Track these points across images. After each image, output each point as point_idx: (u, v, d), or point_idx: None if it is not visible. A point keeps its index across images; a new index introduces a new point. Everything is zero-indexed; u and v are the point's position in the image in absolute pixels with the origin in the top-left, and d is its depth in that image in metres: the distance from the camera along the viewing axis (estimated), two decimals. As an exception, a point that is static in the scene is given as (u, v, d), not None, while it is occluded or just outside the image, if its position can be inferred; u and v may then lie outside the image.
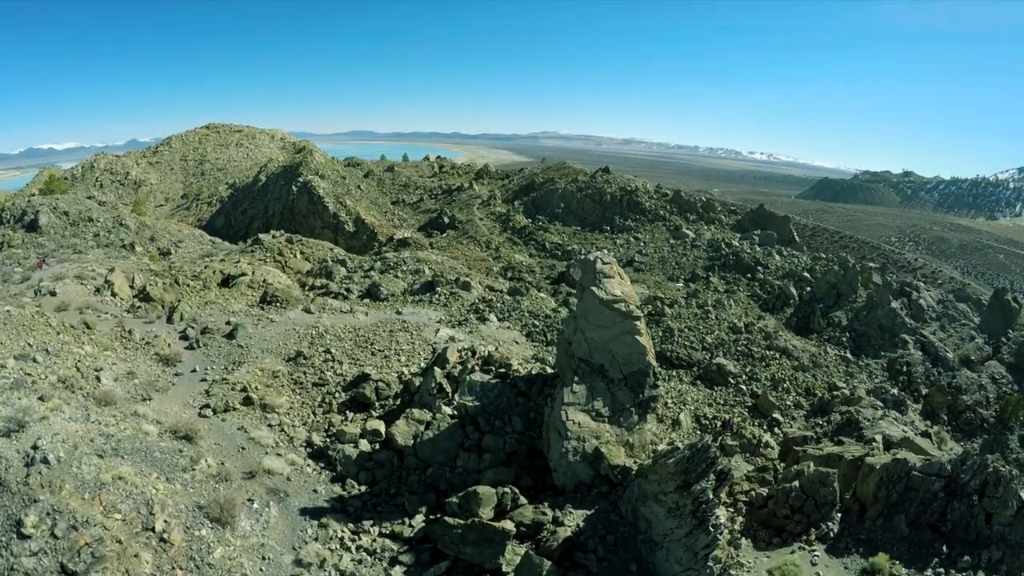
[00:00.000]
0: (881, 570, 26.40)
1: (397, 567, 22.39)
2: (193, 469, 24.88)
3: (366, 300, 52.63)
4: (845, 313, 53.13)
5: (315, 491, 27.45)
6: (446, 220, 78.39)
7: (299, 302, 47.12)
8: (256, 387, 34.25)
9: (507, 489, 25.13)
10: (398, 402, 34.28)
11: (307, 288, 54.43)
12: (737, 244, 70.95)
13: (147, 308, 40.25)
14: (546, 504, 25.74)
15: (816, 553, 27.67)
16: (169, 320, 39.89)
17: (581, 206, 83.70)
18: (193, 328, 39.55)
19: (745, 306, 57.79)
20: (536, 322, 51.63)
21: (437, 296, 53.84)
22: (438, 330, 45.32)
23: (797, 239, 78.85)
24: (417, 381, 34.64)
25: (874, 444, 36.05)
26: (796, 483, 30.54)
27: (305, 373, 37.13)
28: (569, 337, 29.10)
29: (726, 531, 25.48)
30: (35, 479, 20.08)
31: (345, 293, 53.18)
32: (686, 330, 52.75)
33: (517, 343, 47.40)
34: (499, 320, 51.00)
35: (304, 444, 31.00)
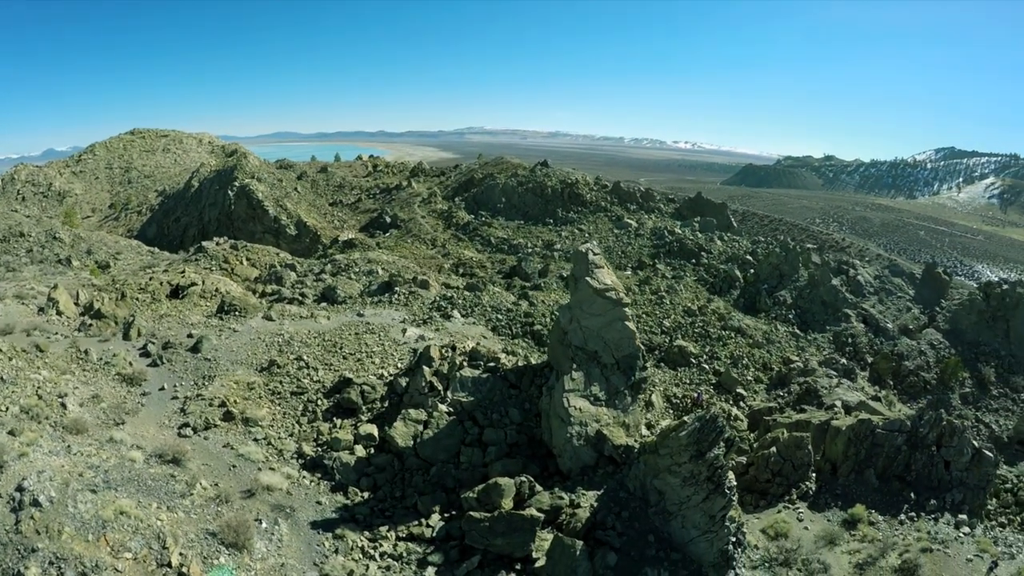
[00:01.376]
0: (860, 519, 28.54)
1: (429, 568, 22.23)
2: (191, 494, 23.75)
3: (323, 304, 51.27)
4: (789, 292, 56.59)
5: (319, 503, 26.78)
6: (388, 219, 77.22)
7: (257, 310, 45.38)
8: (235, 401, 32.85)
9: (523, 478, 25.45)
10: (386, 405, 33.76)
11: (258, 295, 52.42)
12: (680, 231, 73.80)
13: (99, 326, 37.66)
14: (558, 489, 26.25)
15: (800, 510, 29.63)
16: (126, 337, 37.51)
17: (523, 200, 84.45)
18: (153, 343, 37.37)
19: (694, 290, 60.38)
20: (499, 316, 51.98)
21: (396, 296, 53.16)
22: (405, 330, 44.76)
23: (735, 225, 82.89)
24: (403, 381, 34.22)
25: (835, 409, 38.84)
26: (773, 449, 32.48)
27: (282, 382, 35.90)
28: (565, 327, 29.68)
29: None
30: (28, 525, 18.45)
31: (300, 298, 51.60)
32: (644, 315, 54.57)
33: (485, 338, 47.55)
34: (463, 316, 50.96)
35: (295, 456, 30.07)
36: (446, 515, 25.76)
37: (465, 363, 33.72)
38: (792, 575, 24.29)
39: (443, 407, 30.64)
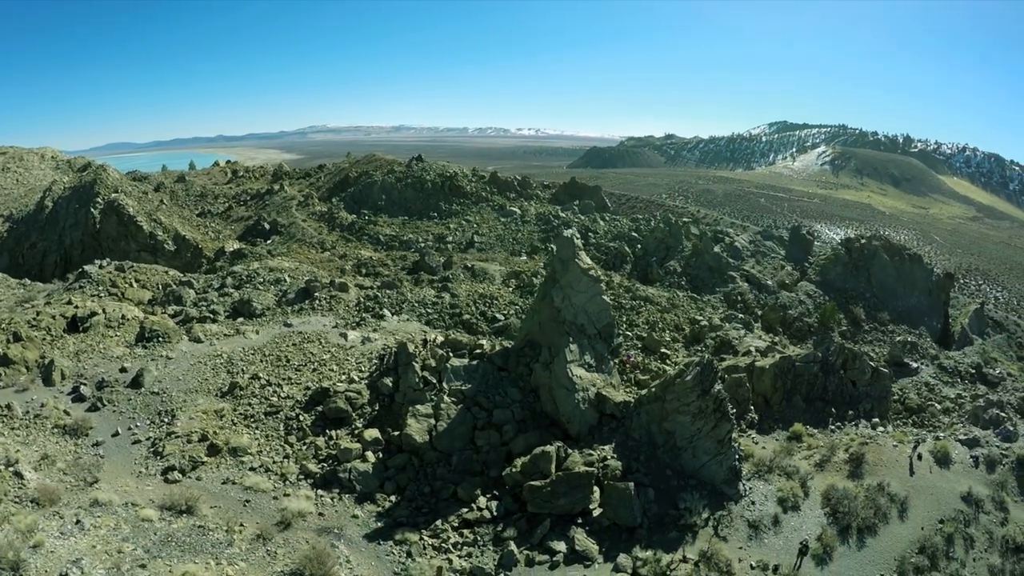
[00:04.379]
0: (801, 434, 34.19)
1: (509, 543, 23.35)
2: (232, 541, 22.79)
3: (240, 319, 48.34)
4: (677, 262, 63.34)
5: (355, 516, 26.39)
6: (267, 226, 73.00)
7: (179, 333, 41.88)
8: (214, 432, 30.73)
9: (559, 444, 27.42)
10: (376, 408, 33.51)
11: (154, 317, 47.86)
12: (564, 215, 78.48)
13: (8, 373, 32.73)
14: (583, 448, 28.57)
15: (753, 436, 34.82)
16: (47, 382, 33.07)
17: (403, 196, 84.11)
18: (85, 385, 33.41)
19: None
20: (427, 310, 52.62)
21: (317, 302, 51.49)
22: (344, 334, 44.01)
23: (610, 205, 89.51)
24: (388, 381, 34.07)
25: (752, 354, 45.18)
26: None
27: (251, 404, 33.99)
28: (559, 305, 31.81)
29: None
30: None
31: (211, 315, 48.09)
32: (556, 295, 58.15)
33: (425, 331, 48.09)
34: (393, 314, 50.89)
35: (301, 477, 28.92)
36: (487, 495, 26.84)
37: (451, 354, 34.52)
38: (776, 478, 28.39)
39: (448, 398, 31.36)
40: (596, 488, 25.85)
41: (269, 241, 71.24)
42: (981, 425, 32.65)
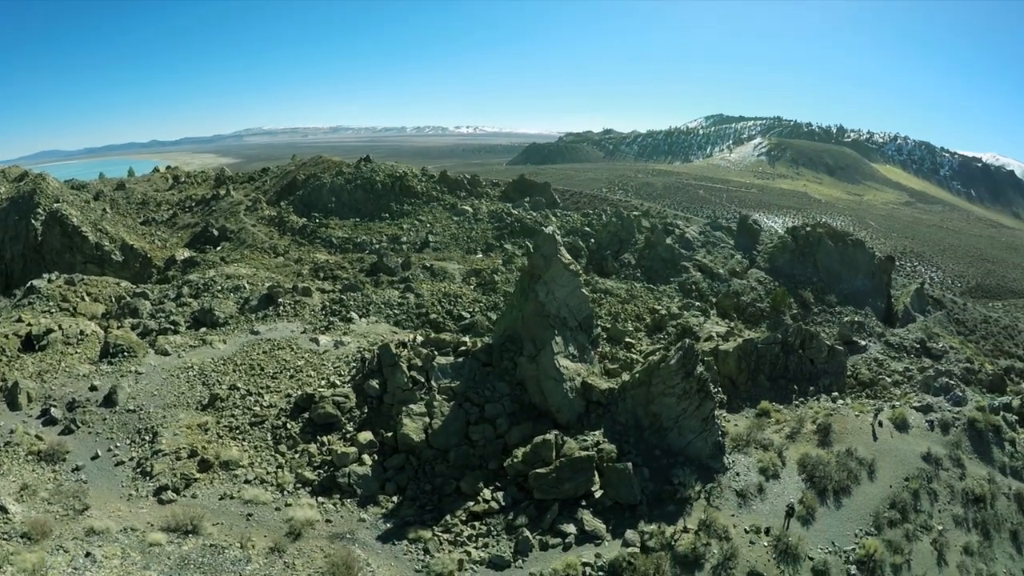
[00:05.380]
0: (768, 410, 36.32)
1: (522, 531, 24.19)
2: (249, 559, 22.70)
3: (202, 328, 47.23)
4: (632, 255, 65.42)
5: (362, 520, 26.54)
6: (215, 232, 70.84)
7: (144, 347, 40.62)
8: (203, 447, 30.20)
9: (555, 433, 28.45)
10: (365, 411, 33.62)
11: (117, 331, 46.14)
12: (516, 212, 79.53)
13: (-32, 397, 31.15)
14: (575, 435, 29.73)
15: (724, 415, 36.68)
16: (13, 407, 31.63)
17: (353, 198, 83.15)
18: (56, 407, 32.11)
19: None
20: (394, 311, 52.76)
21: (282, 308, 50.82)
22: (315, 339, 43.77)
23: (559, 201, 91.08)
24: (375, 383, 34.17)
25: (714, 339, 47.52)
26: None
27: (234, 416, 33.49)
28: (543, 300, 32.82)
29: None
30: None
31: (172, 327, 46.79)
32: (521, 290, 59.29)
33: (395, 332, 48.29)
34: (361, 317, 50.80)
35: (299, 484, 28.72)
36: (491, 488, 27.61)
37: (436, 353, 35.02)
38: (754, 451, 30.22)
39: (439, 396, 31.90)
40: (595, 471, 27.03)
41: (219, 248, 69.26)
42: (932, 393, 35.80)
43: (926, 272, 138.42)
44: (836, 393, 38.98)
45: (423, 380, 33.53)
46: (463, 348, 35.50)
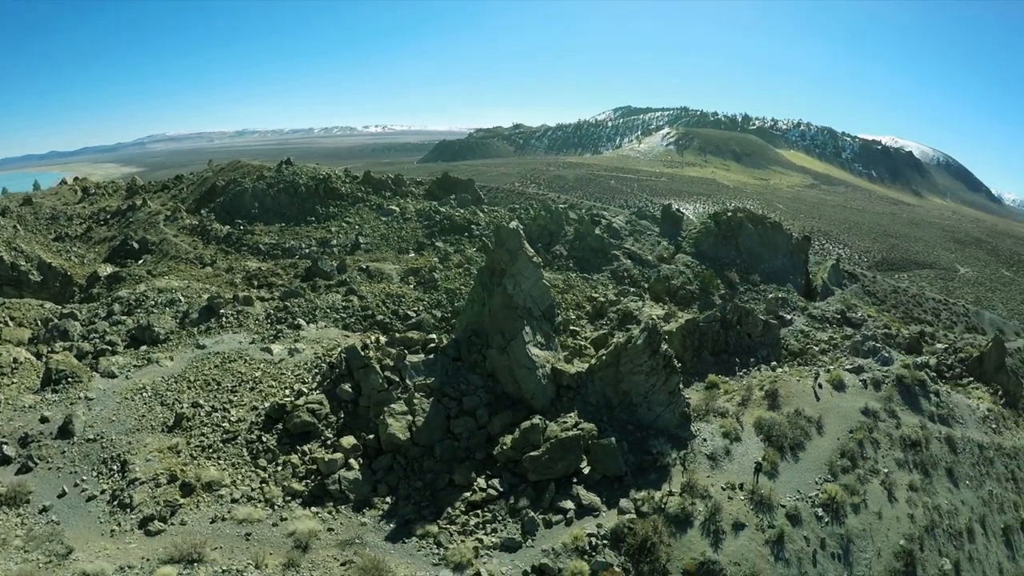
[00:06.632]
0: (716, 383, 39.06)
1: (526, 511, 25.37)
2: None
3: (143, 346, 45.21)
4: (563, 246, 67.66)
5: (363, 523, 26.55)
6: (135, 245, 66.90)
7: (86, 371, 38.51)
8: (181, 470, 29.27)
9: (539, 418, 29.88)
10: (341, 416, 33.63)
11: (45, 356, 43.27)
12: (444, 210, 79.96)
13: (-97, 439, 28.69)
14: (555, 419, 31.29)
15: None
16: (-46, 446, 29.36)
17: (277, 202, 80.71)
18: (7, 443, 30.06)
19: (481, 259, 67.65)
20: (340, 315, 52.50)
21: (224, 319, 49.38)
22: (268, 349, 43.12)
23: (483, 197, 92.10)
24: (347, 387, 34.24)
25: (656, 320, 50.41)
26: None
27: (204, 435, 32.50)
28: (512, 292, 34.05)
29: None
30: None
31: (109, 347, 44.57)
32: (462, 287, 60.10)
33: (347, 336, 48.16)
34: (309, 323, 50.23)
35: (289, 497, 28.33)
36: (483, 476, 28.66)
37: (406, 352, 35.55)
38: (714, 418, 32.63)
39: (419, 394, 32.54)
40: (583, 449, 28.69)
41: (141, 261, 65.63)
42: (862, 355, 40.08)
43: (834, 249, 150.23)
44: (774, 363, 42.72)
45: (397, 379, 33.99)
46: (432, 345, 36.18)
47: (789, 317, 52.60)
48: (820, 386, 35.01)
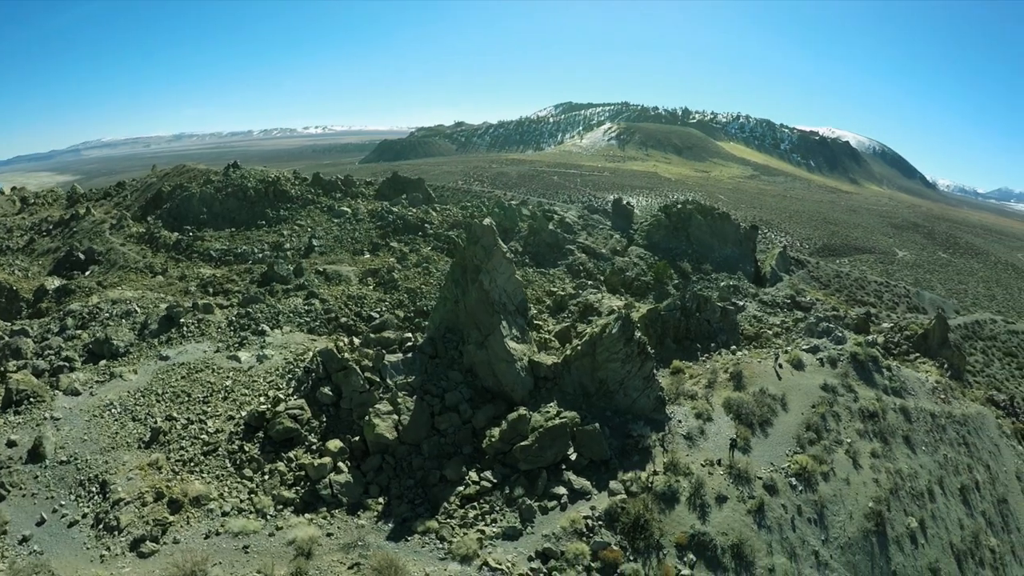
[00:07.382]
0: (681, 368, 41.05)
1: (524, 499, 26.20)
2: None
3: (102, 361, 43.82)
4: (517, 242, 68.75)
5: (361, 526, 26.70)
6: (81, 256, 64.13)
7: (46, 390, 37.13)
8: (166, 487, 28.78)
9: (524, 409, 30.85)
10: (323, 420, 33.67)
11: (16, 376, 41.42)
12: (397, 210, 79.74)
13: None
14: (537, 409, 32.30)
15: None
16: (-81, 484, 27.96)
17: (225, 207, 78.71)
18: (-27, 473, 28.84)
19: (438, 257, 68.03)
20: (304, 319, 52.17)
21: (186, 328, 48.27)
22: (234, 356, 42.58)
23: (434, 196, 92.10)
24: (327, 390, 34.33)
25: (615, 312, 52.09)
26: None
27: (184, 448, 32.09)
28: (488, 288, 34.82)
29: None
30: None
31: (66, 363, 42.98)
32: (423, 286, 60.49)
33: (314, 340, 47.92)
34: (273, 328, 49.68)
35: (281, 505, 28.31)
36: (473, 469, 29.42)
37: (384, 352, 35.86)
38: (685, 401, 34.34)
39: (402, 392, 32.95)
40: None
41: (89, 272, 63.07)
42: (817, 336, 42.67)
43: (776, 238, 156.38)
44: (733, 347, 44.96)
45: (378, 380, 34.29)
46: (409, 344, 36.60)
47: (742, 303, 55.24)
48: (781, 366, 37.26)
